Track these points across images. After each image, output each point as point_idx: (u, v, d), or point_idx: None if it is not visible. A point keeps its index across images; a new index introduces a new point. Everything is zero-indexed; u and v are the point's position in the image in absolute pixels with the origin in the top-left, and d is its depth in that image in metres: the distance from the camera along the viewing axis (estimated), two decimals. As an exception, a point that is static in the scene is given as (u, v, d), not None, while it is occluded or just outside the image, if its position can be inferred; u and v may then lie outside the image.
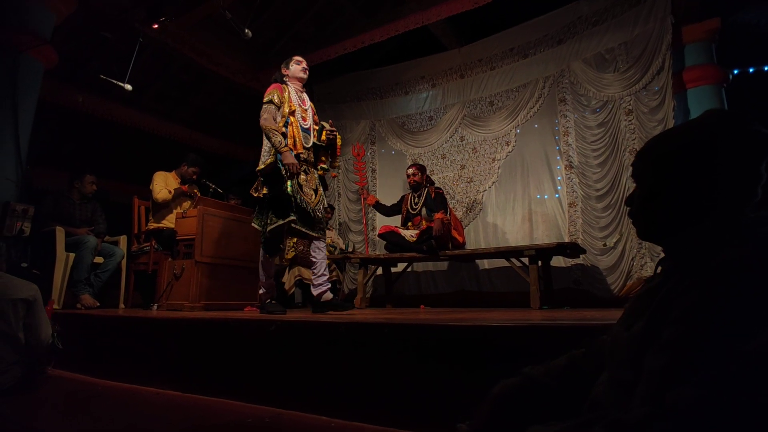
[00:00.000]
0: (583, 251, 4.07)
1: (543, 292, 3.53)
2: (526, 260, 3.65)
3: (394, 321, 1.76)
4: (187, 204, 4.04)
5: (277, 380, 1.85)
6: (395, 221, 4.76)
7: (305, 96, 3.07)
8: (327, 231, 5.56)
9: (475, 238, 5.01)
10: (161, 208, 4.04)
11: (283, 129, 2.81)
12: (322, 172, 3.09)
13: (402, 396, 1.53)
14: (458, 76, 5.38)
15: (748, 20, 4.63)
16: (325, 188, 3.15)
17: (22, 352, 2.17)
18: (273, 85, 2.92)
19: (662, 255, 0.77)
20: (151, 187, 4.05)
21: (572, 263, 4.36)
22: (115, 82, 4.21)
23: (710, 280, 0.60)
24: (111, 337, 2.60)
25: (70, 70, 5.07)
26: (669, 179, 0.72)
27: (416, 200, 4.57)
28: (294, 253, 5.01)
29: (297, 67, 3.04)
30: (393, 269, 4.88)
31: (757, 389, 0.51)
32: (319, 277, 2.92)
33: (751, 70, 5.12)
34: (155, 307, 3.33)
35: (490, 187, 5.03)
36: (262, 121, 2.80)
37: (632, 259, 4.08)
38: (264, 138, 2.84)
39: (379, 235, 4.57)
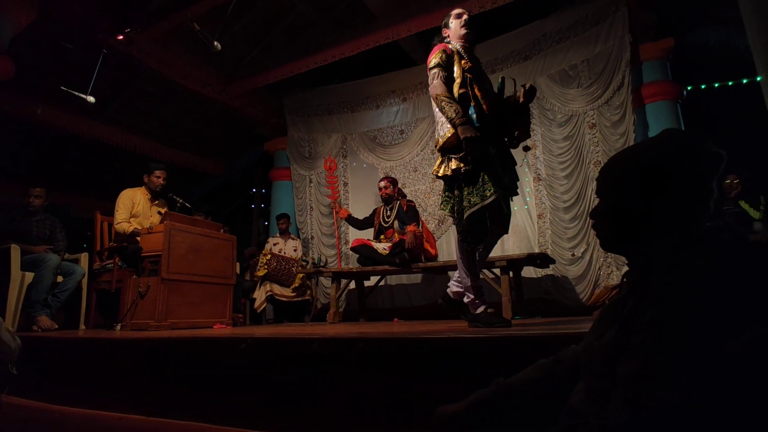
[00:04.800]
0: (553, 261, 4.16)
1: (515, 302, 3.58)
2: (497, 271, 3.69)
3: (367, 335, 1.74)
4: (156, 219, 3.90)
5: (250, 400, 1.79)
6: (368, 234, 4.75)
7: (474, 56, 2.47)
8: (291, 240, 5.51)
9: (447, 251, 5.04)
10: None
11: (461, 91, 2.27)
12: (511, 147, 2.41)
13: (378, 410, 1.51)
14: (428, 90, 5.45)
15: (698, 40, 4.90)
16: (513, 164, 2.42)
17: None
18: (437, 46, 2.38)
19: (627, 265, 0.80)
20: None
21: (542, 273, 4.45)
22: (76, 93, 4.07)
23: (679, 285, 0.62)
24: (70, 360, 2.47)
25: (28, 80, 4.88)
26: (630, 195, 0.75)
27: (388, 213, 4.58)
28: (266, 270, 4.91)
29: (456, 23, 2.41)
30: (366, 283, 4.85)
31: (736, 392, 0.53)
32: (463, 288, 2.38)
33: (703, 86, 5.41)
34: (118, 327, 3.19)
35: (461, 200, 5.08)
36: (431, 89, 2.31)
37: (599, 268, 4.19)
38: (437, 110, 2.31)
39: (352, 249, 4.55)
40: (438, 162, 2.34)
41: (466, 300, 2.37)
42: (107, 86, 5.35)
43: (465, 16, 2.41)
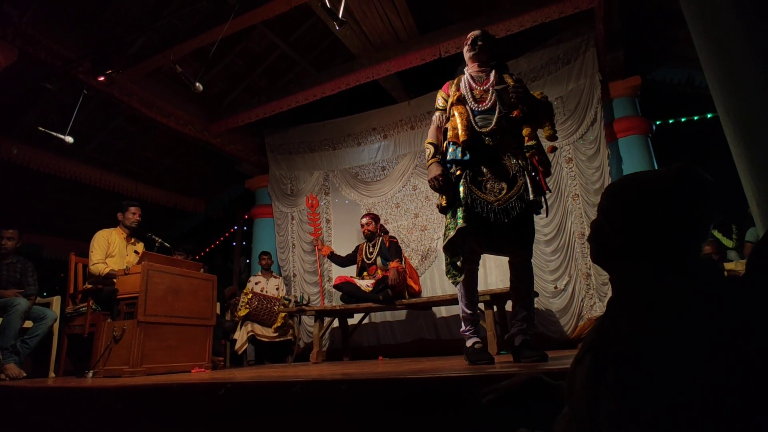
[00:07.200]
0: (536, 294, 4.16)
1: (500, 336, 3.55)
2: (481, 306, 3.67)
3: (351, 376, 1.69)
4: (133, 258, 3.80)
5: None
6: (351, 271, 4.71)
7: (489, 75, 2.39)
8: (273, 278, 5.42)
9: (431, 287, 5.01)
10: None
11: (445, 126, 2.33)
12: (529, 153, 2.29)
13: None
14: (409, 127, 5.57)
15: (663, 78, 5.15)
16: (547, 173, 2.31)
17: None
18: (443, 86, 2.47)
19: (609, 295, 0.81)
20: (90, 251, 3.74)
21: (526, 306, 4.44)
22: (54, 134, 4.02)
23: (649, 317, 0.63)
24: (39, 411, 2.33)
25: (5, 121, 4.82)
26: (632, 217, 0.77)
27: (371, 250, 4.57)
28: (248, 310, 4.79)
29: (465, 49, 2.44)
30: (350, 321, 4.78)
31: (704, 426, 0.52)
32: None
33: (671, 121, 5.65)
34: (90, 374, 3.04)
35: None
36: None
37: (582, 300, 4.21)
38: None
39: (335, 286, 4.49)
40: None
41: (461, 330, 2.40)
42: (86, 125, 5.32)
43: (470, 39, 2.42)
